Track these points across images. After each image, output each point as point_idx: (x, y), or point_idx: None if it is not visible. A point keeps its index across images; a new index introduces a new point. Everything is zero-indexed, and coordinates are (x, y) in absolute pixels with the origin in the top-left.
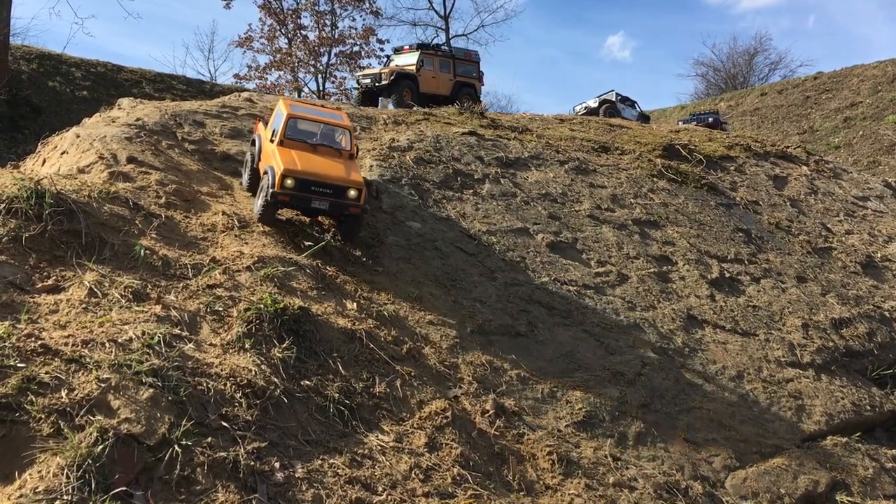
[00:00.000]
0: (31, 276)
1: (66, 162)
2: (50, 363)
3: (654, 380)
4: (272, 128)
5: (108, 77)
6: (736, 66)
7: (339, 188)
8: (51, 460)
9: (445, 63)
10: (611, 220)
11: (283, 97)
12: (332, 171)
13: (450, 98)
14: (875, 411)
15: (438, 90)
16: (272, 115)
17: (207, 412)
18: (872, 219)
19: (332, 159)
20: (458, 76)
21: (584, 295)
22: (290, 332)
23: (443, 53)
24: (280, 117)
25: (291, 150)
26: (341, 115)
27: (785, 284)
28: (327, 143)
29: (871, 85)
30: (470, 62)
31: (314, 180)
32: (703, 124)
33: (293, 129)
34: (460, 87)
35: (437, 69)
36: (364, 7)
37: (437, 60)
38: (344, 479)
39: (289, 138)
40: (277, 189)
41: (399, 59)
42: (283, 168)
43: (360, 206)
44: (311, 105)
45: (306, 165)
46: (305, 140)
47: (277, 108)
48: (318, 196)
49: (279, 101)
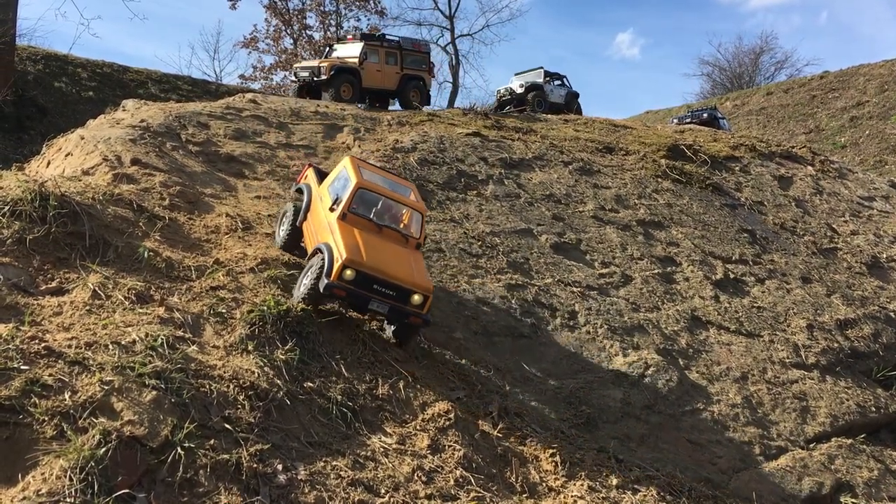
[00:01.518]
0: (35, 278)
1: (71, 164)
2: (53, 365)
3: (658, 381)
4: (332, 191)
5: (114, 78)
6: (742, 65)
7: (403, 291)
8: (54, 462)
9: (392, 55)
10: (615, 220)
11: (349, 155)
12: (399, 269)
13: (396, 93)
14: (880, 412)
15: (384, 84)
16: (333, 173)
17: (210, 414)
18: (878, 219)
19: (399, 250)
20: (406, 69)
21: (588, 296)
22: (292, 334)
23: (388, 44)
24: (345, 183)
25: (355, 230)
26: (411, 189)
27: (790, 285)
28: (395, 225)
29: (878, 84)
30: (419, 53)
31: (378, 277)
32: (697, 121)
33: (360, 203)
34: (408, 80)
35: (382, 61)
36: (369, 7)
37: (382, 52)
38: (347, 481)
39: (353, 212)
40: (334, 280)
41: (342, 49)
42: (345, 256)
43: (421, 317)
44: (380, 171)
45: (373, 257)
46: (371, 218)
47: (342, 170)
48: (379, 297)
49: (345, 160)
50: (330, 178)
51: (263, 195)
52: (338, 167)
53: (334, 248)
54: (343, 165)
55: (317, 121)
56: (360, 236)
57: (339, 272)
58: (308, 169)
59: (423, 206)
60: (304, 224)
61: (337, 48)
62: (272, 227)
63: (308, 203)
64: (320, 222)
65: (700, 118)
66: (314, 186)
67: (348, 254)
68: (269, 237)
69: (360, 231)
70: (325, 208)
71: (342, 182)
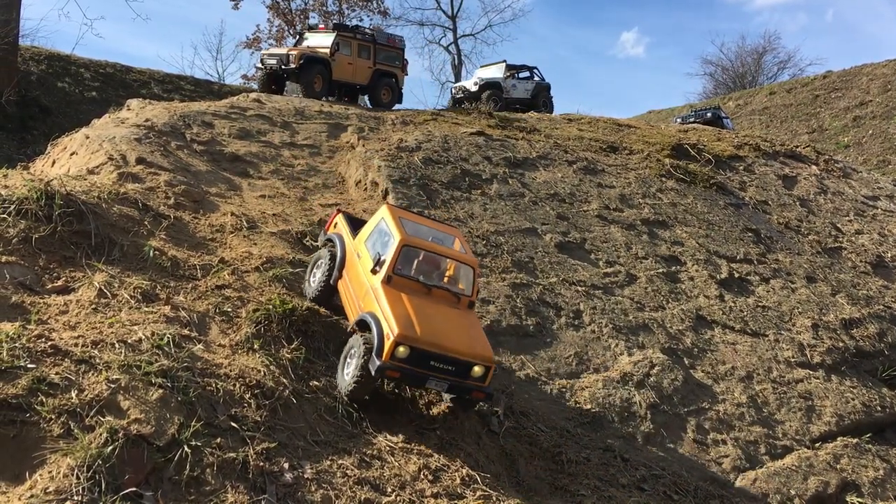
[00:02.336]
0: (41, 277)
1: (76, 163)
2: (60, 364)
3: (664, 380)
4: (371, 247)
5: (117, 78)
6: (744, 64)
7: (463, 364)
8: (61, 461)
9: (365, 48)
10: (619, 220)
11: (387, 204)
12: (457, 340)
13: (367, 88)
14: (885, 412)
15: (355, 78)
16: (369, 225)
17: (217, 413)
18: (882, 218)
19: (453, 313)
20: (379, 64)
21: (593, 295)
22: (298, 333)
23: (363, 37)
24: (386, 239)
25: (402, 296)
26: (456, 236)
27: (794, 285)
28: (445, 283)
29: (881, 84)
30: (393, 49)
31: (435, 352)
32: (700, 120)
33: (406, 262)
34: (380, 76)
35: (354, 54)
36: (372, 7)
37: (355, 44)
38: (353, 480)
39: (398, 274)
40: (386, 360)
41: (313, 38)
42: (397, 332)
43: (483, 391)
44: (421, 219)
45: (427, 328)
46: (419, 278)
47: (380, 221)
48: (437, 374)
49: (383, 210)
50: (366, 231)
51: (268, 194)
52: (374, 218)
53: (383, 322)
54: (381, 216)
55: (321, 120)
56: (410, 303)
57: (392, 351)
58: (337, 215)
59: (473, 258)
60: (339, 282)
61: (308, 37)
62: (277, 225)
63: (342, 258)
64: (361, 285)
65: (704, 117)
66: (347, 238)
67: (400, 328)
68: (273, 236)
69: (408, 296)
70: (364, 269)
71: (382, 237)
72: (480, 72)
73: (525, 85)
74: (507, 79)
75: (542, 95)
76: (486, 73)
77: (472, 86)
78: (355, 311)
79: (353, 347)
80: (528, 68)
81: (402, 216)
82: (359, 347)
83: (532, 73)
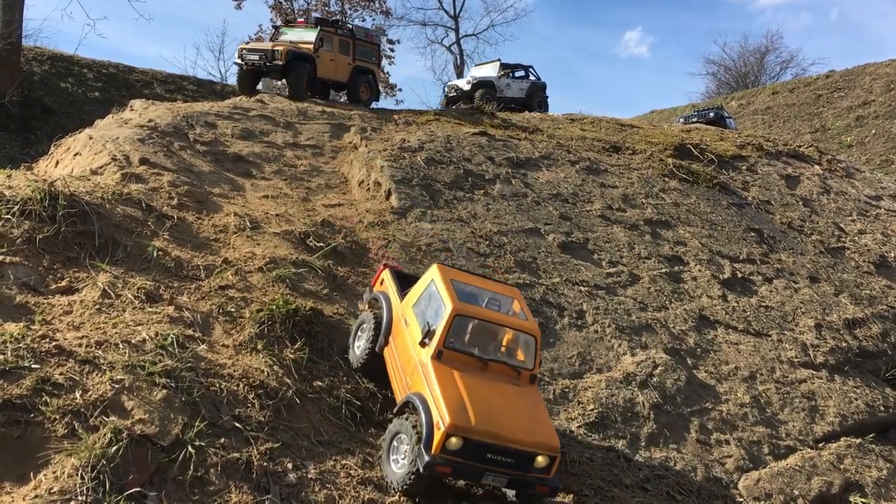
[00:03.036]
0: (45, 278)
1: (79, 163)
2: (64, 364)
3: (667, 381)
4: (420, 314)
5: (120, 78)
6: (747, 64)
7: (524, 456)
8: (65, 461)
9: (345, 44)
10: (622, 220)
11: (438, 264)
12: (517, 426)
13: (346, 85)
14: (889, 412)
15: (336, 76)
16: (418, 287)
17: (220, 413)
18: (886, 218)
19: (512, 392)
20: (358, 60)
21: (596, 295)
22: (302, 333)
23: (343, 32)
24: (437, 307)
25: (455, 374)
26: (514, 296)
27: (798, 284)
28: (502, 356)
29: (884, 83)
30: (370, 44)
31: (492, 444)
32: (703, 120)
33: (459, 335)
34: (359, 73)
35: (336, 50)
36: (374, 7)
37: (336, 40)
38: (357, 480)
39: (450, 348)
40: (436, 454)
41: (292, 33)
42: (448, 421)
43: (548, 484)
44: (474, 278)
45: (484, 415)
46: (473, 352)
47: (429, 284)
48: (495, 468)
49: (432, 271)
50: (415, 294)
51: (271, 195)
52: (424, 279)
53: (432, 407)
54: (430, 278)
55: (324, 120)
56: (464, 383)
57: (443, 443)
58: (384, 271)
59: (534, 325)
60: (385, 349)
61: (286, 32)
62: (280, 226)
63: (388, 323)
64: (408, 358)
65: (707, 117)
66: (394, 298)
67: (452, 417)
68: (277, 236)
69: (461, 374)
70: (412, 338)
71: (432, 303)
72: (474, 70)
73: (520, 84)
74: (502, 78)
75: (536, 95)
76: (480, 71)
77: (465, 84)
78: (402, 389)
79: (399, 433)
80: (524, 67)
81: (455, 278)
82: (409, 435)
83: (527, 72)
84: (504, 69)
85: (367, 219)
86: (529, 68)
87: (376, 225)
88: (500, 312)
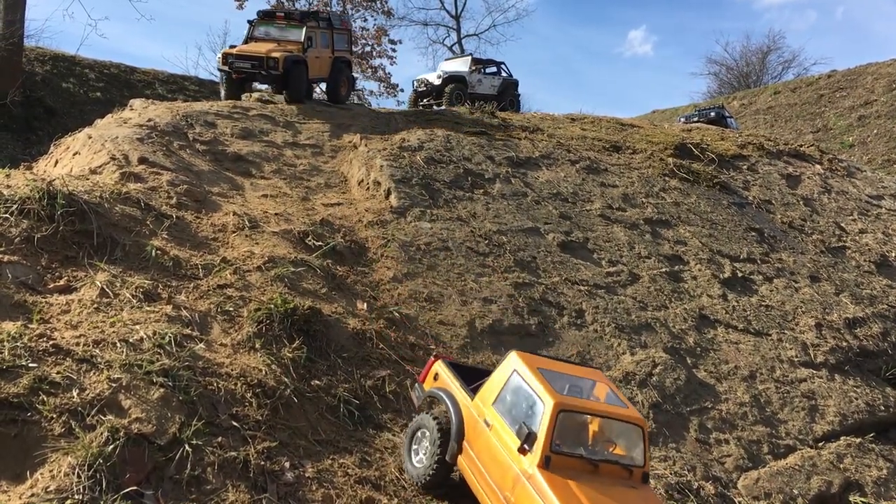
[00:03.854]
0: (43, 277)
1: (79, 163)
2: (61, 363)
3: (666, 380)
4: (507, 415)
5: (122, 78)
6: (749, 64)
7: None
8: (62, 460)
9: (324, 35)
10: (622, 219)
11: (516, 351)
12: None
13: (328, 80)
14: (889, 412)
15: (321, 73)
16: (494, 381)
17: (218, 412)
18: (887, 218)
19: (632, 497)
20: (336, 51)
21: (596, 295)
22: (300, 332)
23: (323, 24)
24: (532, 404)
25: (570, 484)
26: (600, 381)
27: (798, 284)
28: (609, 453)
29: (886, 83)
30: (345, 31)
31: None
32: (704, 120)
33: (566, 435)
34: (340, 66)
35: (318, 45)
36: (376, 7)
37: (318, 34)
38: (354, 479)
39: (558, 452)
40: None
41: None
42: None
43: None
44: (553, 363)
45: None
46: (581, 453)
47: (511, 376)
48: None
49: (511, 358)
50: (493, 389)
51: (270, 194)
52: (502, 370)
53: None
54: (512, 368)
55: (323, 119)
56: (585, 496)
57: None
58: (436, 363)
59: (639, 415)
60: (459, 457)
61: (264, 28)
62: (279, 225)
63: (459, 425)
64: (503, 470)
65: (708, 117)
66: (460, 395)
67: None
68: (276, 235)
69: (577, 484)
70: (503, 444)
71: (521, 399)
72: (444, 65)
73: (491, 80)
74: (473, 73)
75: (508, 92)
76: (451, 66)
77: (435, 79)
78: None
79: None
80: (496, 63)
81: (539, 365)
82: None
83: (499, 68)
84: (476, 64)
85: (366, 218)
86: (501, 64)
87: (375, 224)
88: (594, 401)
